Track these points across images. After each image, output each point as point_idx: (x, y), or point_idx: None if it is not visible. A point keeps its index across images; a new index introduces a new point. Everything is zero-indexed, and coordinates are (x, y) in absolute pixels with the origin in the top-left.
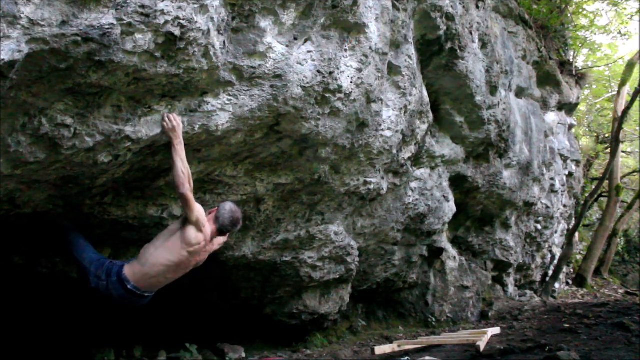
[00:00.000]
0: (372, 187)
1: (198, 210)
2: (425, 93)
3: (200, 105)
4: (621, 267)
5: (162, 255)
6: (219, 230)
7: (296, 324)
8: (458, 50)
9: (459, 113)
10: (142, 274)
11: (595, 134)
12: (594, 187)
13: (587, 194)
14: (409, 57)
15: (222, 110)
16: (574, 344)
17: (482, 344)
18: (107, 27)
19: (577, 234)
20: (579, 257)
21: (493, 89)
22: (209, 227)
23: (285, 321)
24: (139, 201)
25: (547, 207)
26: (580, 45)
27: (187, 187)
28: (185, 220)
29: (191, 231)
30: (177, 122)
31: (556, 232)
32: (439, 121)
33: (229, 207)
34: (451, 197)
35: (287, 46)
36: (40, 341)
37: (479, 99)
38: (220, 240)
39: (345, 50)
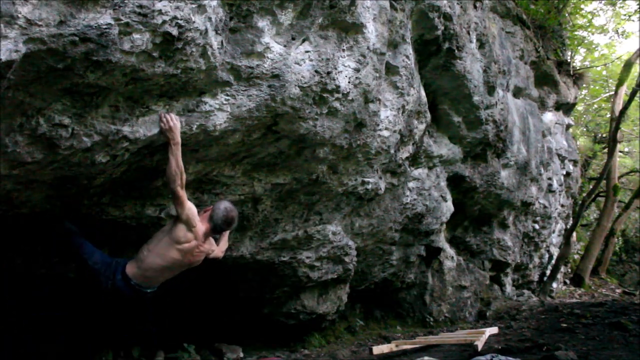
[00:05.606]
0: (369, 187)
1: (189, 208)
2: (422, 93)
3: (198, 105)
4: (619, 266)
5: (153, 259)
6: (212, 229)
7: (294, 323)
8: (456, 50)
9: (456, 113)
10: (140, 273)
11: (593, 134)
12: (591, 186)
13: (584, 194)
14: (407, 57)
15: (220, 110)
16: (572, 344)
17: (479, 344)
18: (104, 27)
19: (574, 234)
20: (576, 256)
21: (491, 89)
22: (201, 226)
23: (283, 321)
24: (137, 201)
25: (545, 207)
26: (577, 45)
27: (178, 183)
28: (177, 218)
29: (181, 229)
30: (174, 122)
31: (554, 231)
32: (436, 121)
33: (223, 207)
34: (449, 197)
35: (284, 46)
36: (39, 342)
37: (477, 99)
38: (222, 247)
39: (343, 50)
